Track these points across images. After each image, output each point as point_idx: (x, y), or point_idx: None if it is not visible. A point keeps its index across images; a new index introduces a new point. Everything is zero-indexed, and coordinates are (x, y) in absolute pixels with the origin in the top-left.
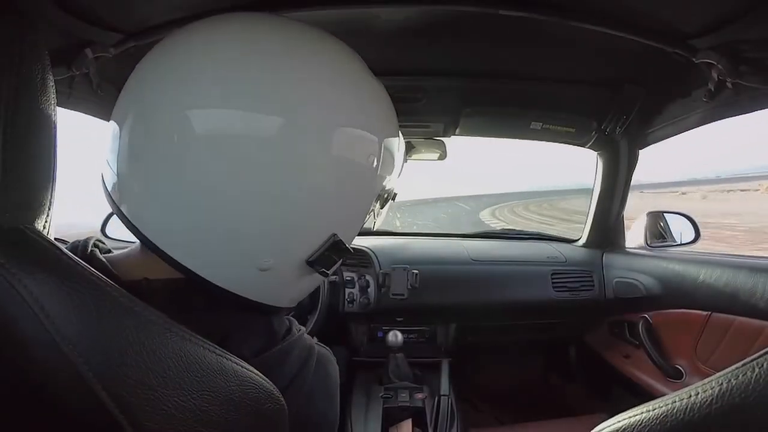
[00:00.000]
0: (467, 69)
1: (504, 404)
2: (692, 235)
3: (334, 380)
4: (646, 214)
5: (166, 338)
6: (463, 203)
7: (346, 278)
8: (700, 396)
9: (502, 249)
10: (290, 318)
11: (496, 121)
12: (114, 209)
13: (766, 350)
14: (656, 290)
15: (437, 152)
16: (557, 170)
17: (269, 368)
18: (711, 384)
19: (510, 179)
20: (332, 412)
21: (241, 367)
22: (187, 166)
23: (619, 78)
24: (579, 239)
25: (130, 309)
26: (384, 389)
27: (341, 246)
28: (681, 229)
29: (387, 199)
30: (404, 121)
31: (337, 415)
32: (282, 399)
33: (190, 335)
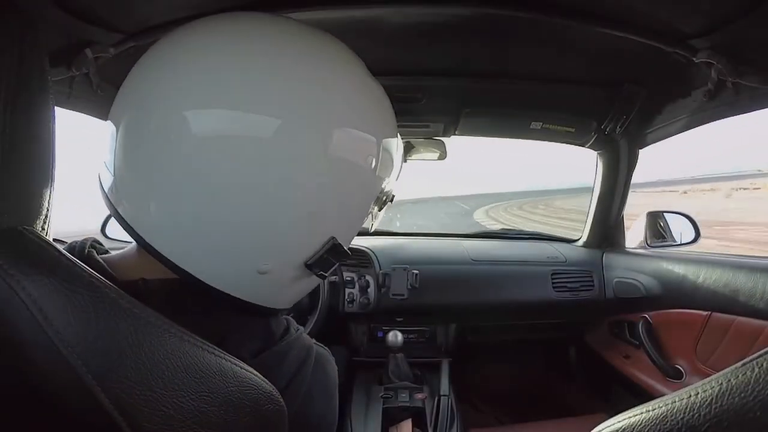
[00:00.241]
0: (467, 69)
1: (504, 404)
2: (692, 235)
3: (332, 380)
4: (646, 214)
5: (164, 339)
6: (463, 203)
7: (346, 278)
8: (700, 396)
9: (502, 249)
10: (288, 318)
11: (496, 121)
12: (111, 210)
13: (766, 350)
14: (656, 290)
15: (437, 152)
16: (557, 170)
17: (267, 368)
18: (711, 384)
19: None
20: (331, 412)
21: (240, 368)
22: (185, 168)
23: (619, 78)
24: (579, 239)
25: (128, 310)
26: (384, 389)
27: (340, 249)
28: (681, 229)
29: (385, 201)
30: (404, 121)
31: (335, 415)
32: (281, 400)
33: (189, 336)
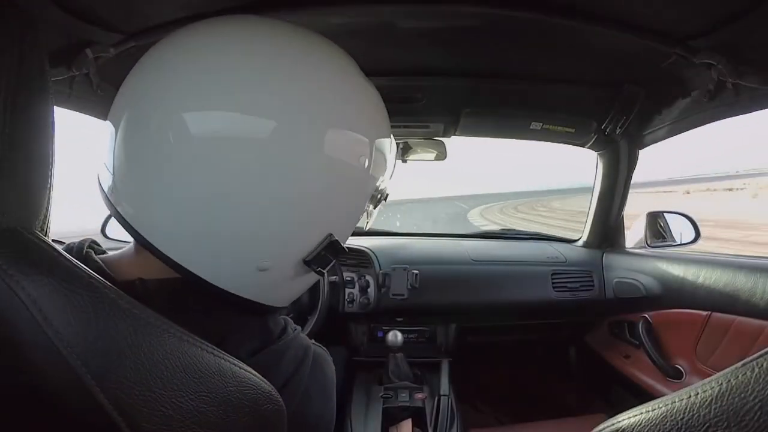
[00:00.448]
0: (467, 69)
1: (504, 404)
2: (692, 235)
3: (330, 380)
4: (646, 214)
5: (163, 340)
6: (463, 203)
7: (346, 278)
8: (700, 396)
9: (502, 249)
10: (286, 318)
11: (496, 122)
12: (111, 210)
13: (766, 350)
14: (656, 290)
15: (437, 152)
16: (554, 170)
17: (265, 368)
18: (711, 384)
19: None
20: (329, 411)
21: (239, 368)
22: (184, 168)
23: (619, 78)
24: (579, 239)
25: (128, 311)
26: (384, 389)
27: (337, 246)
28: (681, 229)
29: (380, 199)
30: (404, 121)
31: (333, 414)
32: (280, 400)
33: (188, 336)
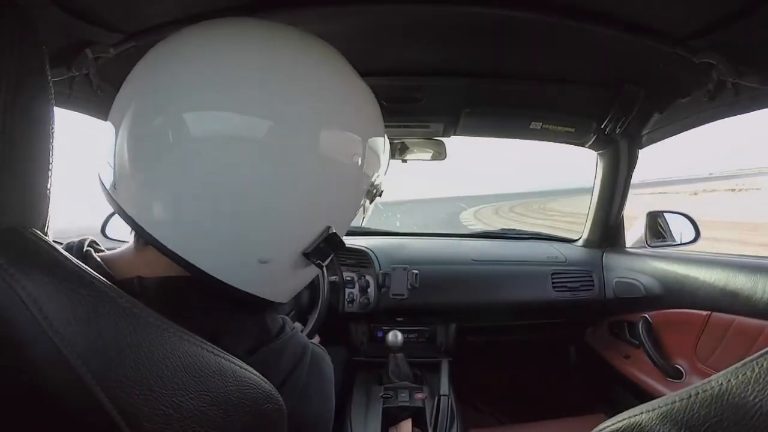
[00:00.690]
0: (467, 69)
1: (504, 404)
2: (692, 234)
3: (328, 378)
4: (646, 214)
5: (164, 339)
6: (464, 203)
7: (346, 278)
8: (700, 396)
9: (502, 249)
10: (284, 317)
11: (496, 121)
12: (115, 208)
13: (766, 350)
14: (656, 290)
15: (437, 152)
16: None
17: (264, 366)
18: (711, 384)
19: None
20: (327, 410)
21: (240, 367)
22: (185, 167)
23: (619, 78)
24: (579, 239)
25: (128, 310)
26: (384, 389)
27: (335, 238)
28: (681, 229)
29: (375, 194)
30: (404, 121)
31: (332, 413)
32: (280, 399)
33: (189, 335)
